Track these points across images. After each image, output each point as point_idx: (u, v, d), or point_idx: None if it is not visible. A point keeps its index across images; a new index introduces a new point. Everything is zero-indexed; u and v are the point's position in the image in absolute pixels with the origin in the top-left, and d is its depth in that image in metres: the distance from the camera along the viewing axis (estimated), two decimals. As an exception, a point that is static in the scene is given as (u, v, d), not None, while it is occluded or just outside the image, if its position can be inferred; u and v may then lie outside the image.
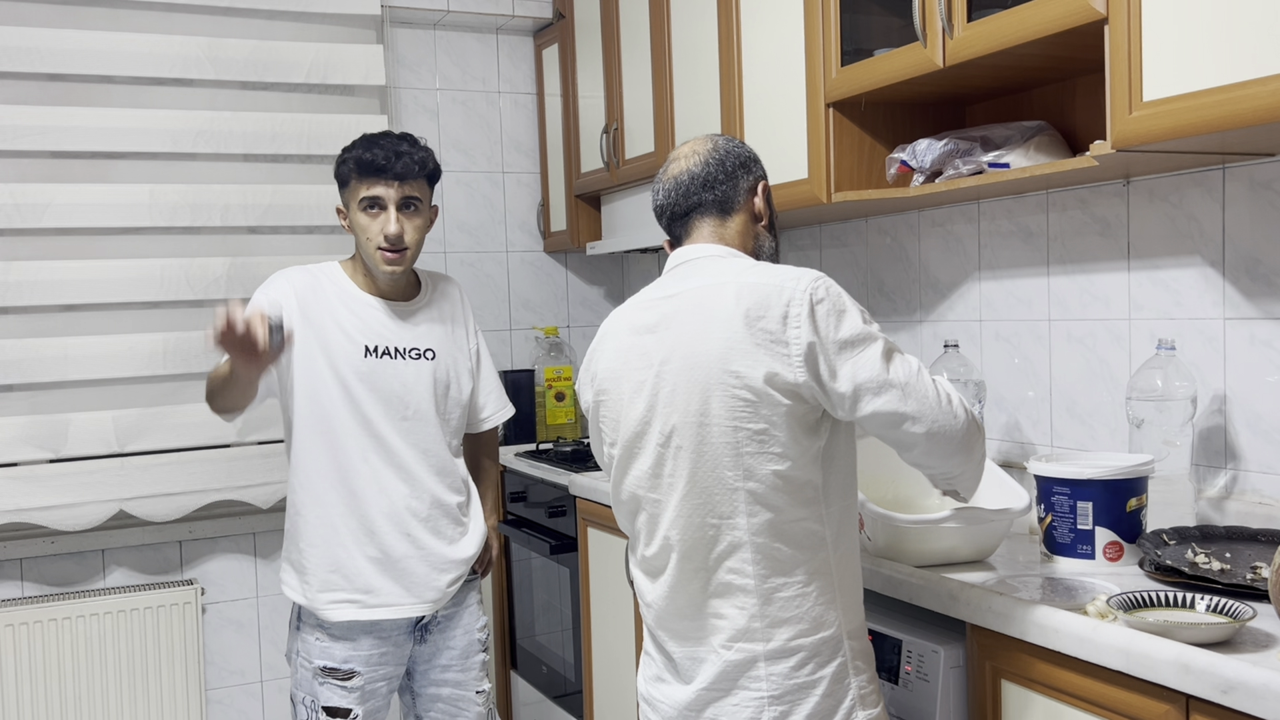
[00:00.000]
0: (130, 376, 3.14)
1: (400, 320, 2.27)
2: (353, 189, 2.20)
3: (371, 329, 2.23)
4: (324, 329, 2.21)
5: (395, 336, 2.25)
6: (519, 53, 3.79)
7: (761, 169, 1.71)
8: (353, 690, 2.22)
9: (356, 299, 2.25)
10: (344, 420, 2.21)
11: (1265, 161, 1.89)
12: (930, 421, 1.49)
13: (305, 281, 2.24)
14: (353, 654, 2.23)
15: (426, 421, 2.27)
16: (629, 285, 3.94)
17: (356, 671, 2.23)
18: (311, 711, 2.23)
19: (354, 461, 2.21)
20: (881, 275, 2.77)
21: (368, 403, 2.21)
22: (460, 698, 2.37)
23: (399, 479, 2.23)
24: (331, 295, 2.24)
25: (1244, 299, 1.94)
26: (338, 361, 2.20)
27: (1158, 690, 1.39)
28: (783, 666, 1.51)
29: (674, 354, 1.54)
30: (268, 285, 2.24)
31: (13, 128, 3.01)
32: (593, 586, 2.91)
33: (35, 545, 3.12)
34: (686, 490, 1.53)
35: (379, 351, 2.23)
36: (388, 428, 2.23)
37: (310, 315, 2.21)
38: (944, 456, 1.54)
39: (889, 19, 2.28)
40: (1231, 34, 1.52)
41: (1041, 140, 2.13)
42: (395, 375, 2.23)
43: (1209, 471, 2.00)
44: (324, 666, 2.22)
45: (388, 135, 2.21)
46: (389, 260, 2.19)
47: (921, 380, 1.50)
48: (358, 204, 2.19)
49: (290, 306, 2.19)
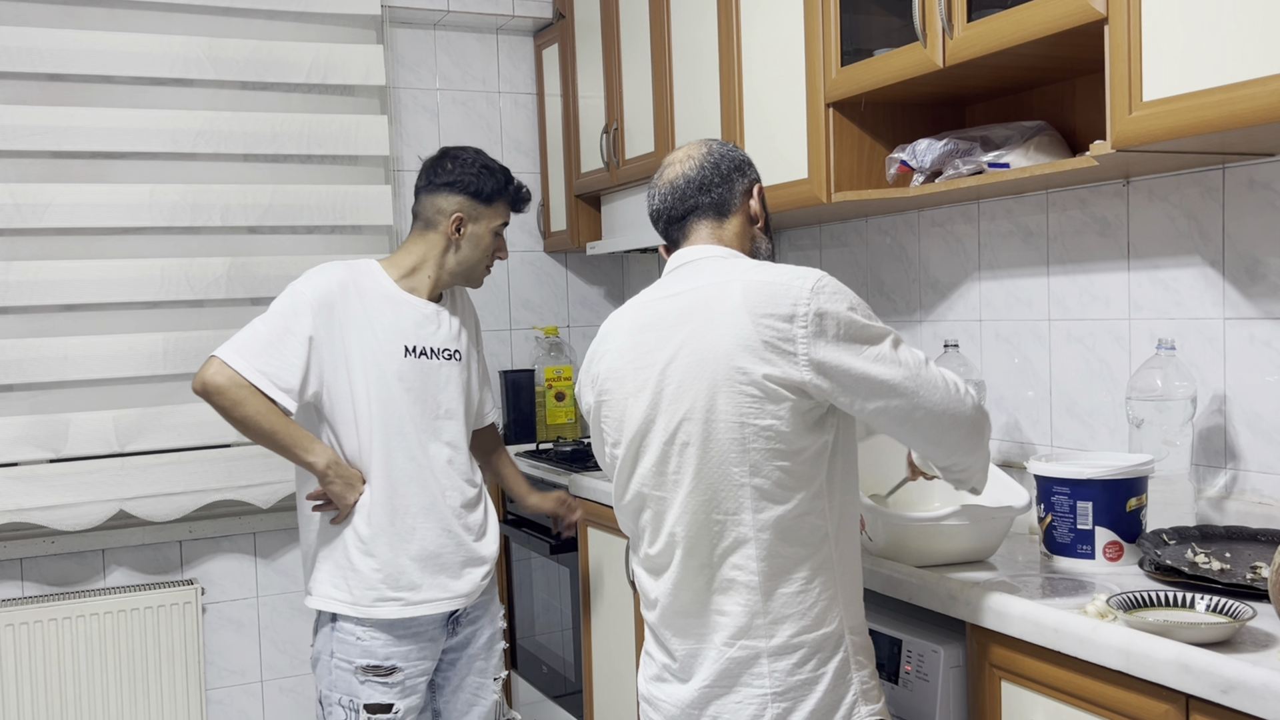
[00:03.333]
0: (130, 376, 3.14)
1: (434, 322, 2.31)
2: (498, 210, 2.33)
3: (410, 329, 2.27)
4: (366, 327, 2.23)
5: (430, 337, 2.30)
6: (519, 53, 3.79)
7: (755, 172, 1.72)
8: (394, 685, 2.24)
9: (396, 298, 2.28)
10: (388, 418, 2.23)
11: (1265, 161, 1.89)
12: (940, 412, 1.51)
13: (349, 278, 2.25)
14: (394, 650, 2.24)
15: (456, 420, 2.33)
16: (629, 285, 3.94)
17: (398, 667, 2.25)
18: (351, 711, 2.24)
19: (397, 459, 2.24)
20: (881, 275, 2.77)
21: (408, 401, 2.25)
22: (481, 685, 2.43)
23: (436, 476, 2.27)
24: (374, 293, 2.26)
25: (1244, 299, 1.94)
26: (380, 360, 2.23)
27: (1158, 690, 1.39)
28: (785, 663, 1.51)
29: (680, 352, 1.54)
30: (311, 284, 2.23)
31: (13, 128, 3.01)
32: (593, 586, 2.91)
33: (35, 545, 3.12)
34: (692, 486, 1.53)
35: (417, 351, 2.27)
36: (425, 426, 2.27)
37: (352, 313, 2.22)
38: (954, 447, 1.56)
39: (889, 19, 2.28)
40: (1231, 34, 1.52)
41: (1041, 140, 2.13)
42: (432, 374, 2.28)
43: (1209, 471, 2.00)
44: (366, 665, 2.23)
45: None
46: (487, 274, 2.40)
47: (928, 371, 1.51)
48: (496, 226, 2.34)
49: (335, 303, 2.21)
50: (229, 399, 2.12)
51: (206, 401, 2.15)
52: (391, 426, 2.23)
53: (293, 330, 2.17)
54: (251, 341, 2.15)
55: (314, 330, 2.18)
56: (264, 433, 2.15)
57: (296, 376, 2.16)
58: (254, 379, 2.12)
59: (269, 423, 2.14)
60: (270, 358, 2.14)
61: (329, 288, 2.22)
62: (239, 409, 2.12)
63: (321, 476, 2.19)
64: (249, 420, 2.13)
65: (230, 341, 2.16)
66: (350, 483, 2.21)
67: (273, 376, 2.14)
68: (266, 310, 2.21)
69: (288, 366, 2.15)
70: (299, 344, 2.17)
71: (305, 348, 2.17)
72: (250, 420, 2.13)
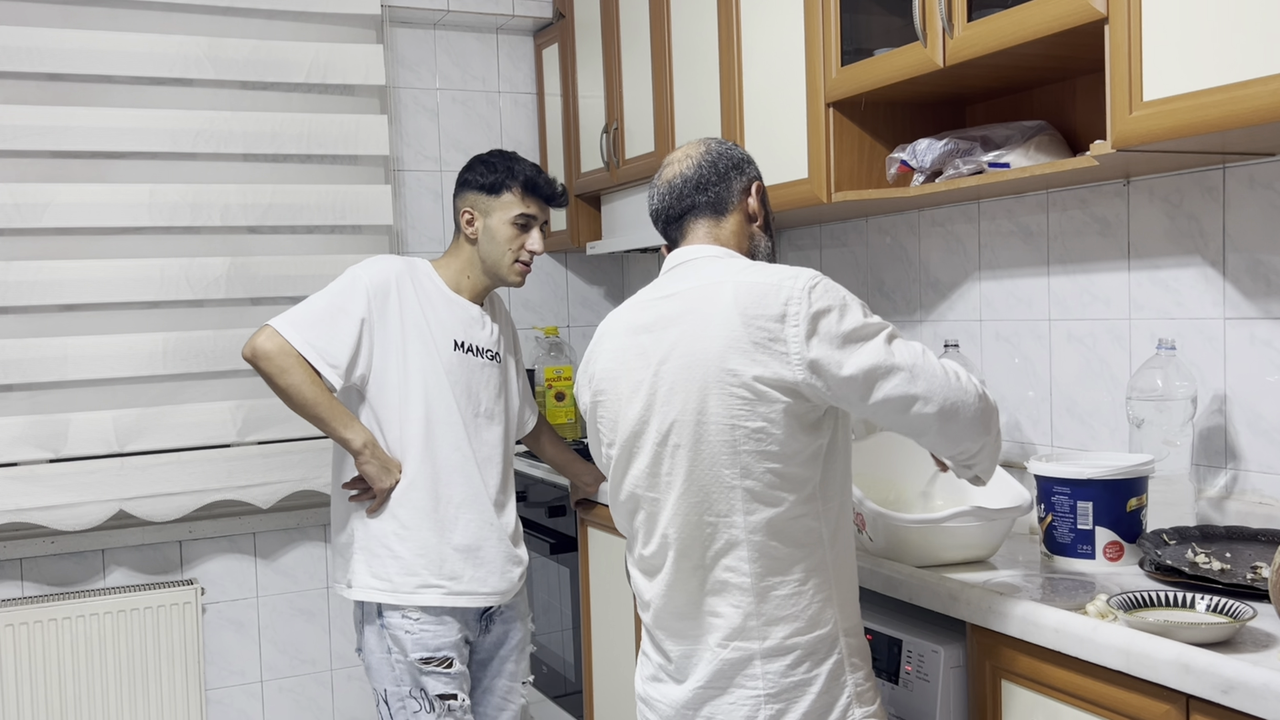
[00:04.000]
0: (130, 376, 3.14)
1: (479, 323, 2.35)
2: (507, 202, 2.30)
3: (459, 326, 2.31)
4: (419, 318, 2.26)
5: (476, 335, 2.34)
6: (519, 52, 3.79)
7: (755, 170, 1.72)
8: (455, 676, 2.26)
9: (447, 296, 2.33)
10: (436, 408, 2.26)
11: (1265, 161, 1.89)
12: (941, 400, 1.49)
13: (406, 270, 2.30)
14: (444, 641, 2.26)
15: (496, 421, 2.36)
16: (629, 285, 3.94)
17: (452, 658, 2.26)
18: (424, 702, 2.24)
19: (443, 449, 2.27)
20: (881, 275, 2.77)
21: (455, 393, 2.28)
22: (511, 689, 2.45)
23: (479, 469, 2.31)
24: (428, 287, 2.31)
25: (1244, 299, 1.94)
26: (432, 351, 2.26)
27: (1158, 690, 1.39)
28: (778, 665, 1.51)
29: (672, 353, 1.54)
30: (370, 269, 2.27)
31: (13, 128, 3.01)
32: (593, 586, 2.91)
33: (35, 545, 3.12)
34: (684, 488, 1.53)
35: (465, 347, 2.32)
36: (470, 420, 2.30)
37: (407, 302, 2.26)
38: (959, 436, 1.53)
39: (889, 19, 2.28)
40: (1232, 34, 1.52)
41: (1041, 140, 2.13)
42: (476, 371, 2.32)
43: (1209, 471, 2.00)
44: (422, 658, 2.24)
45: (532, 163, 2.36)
46: (522, 272, 2.35)
47: (928, 361, 1.50)
48: (511, 217, 2.30)
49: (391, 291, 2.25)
50: (276, 365, 2.15)
51: (254, 367, 2.18)
52: (438, 415, 2.26)
53: (346, 310, 2.21)
54: (306, 315, 2.19)
55: (367, 313, 2.22)
56: (306, 402, 2.17)
57: (345, 354, 2.19)
58: (303, 350, 2.16)
59: (312, 393, 2.16)
60: (321, 332, 2.18)
61: (387, 276, 2.26)
62: (284, 376, 2.15)
63: (357, 455, 2.21)
64: (292, 389, 2.15)
65: (285, 313, 2.20)
66: (386, 466, 2.23)
67: (322, 350, 2.18)
68: (323, 289, 2.25)
69: (338, 342, 2.19)
70: (351, 324, 2.21)
71: (357, 328, 2.21)
72: (294, 389, 2.15)
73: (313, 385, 2.16)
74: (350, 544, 2.29)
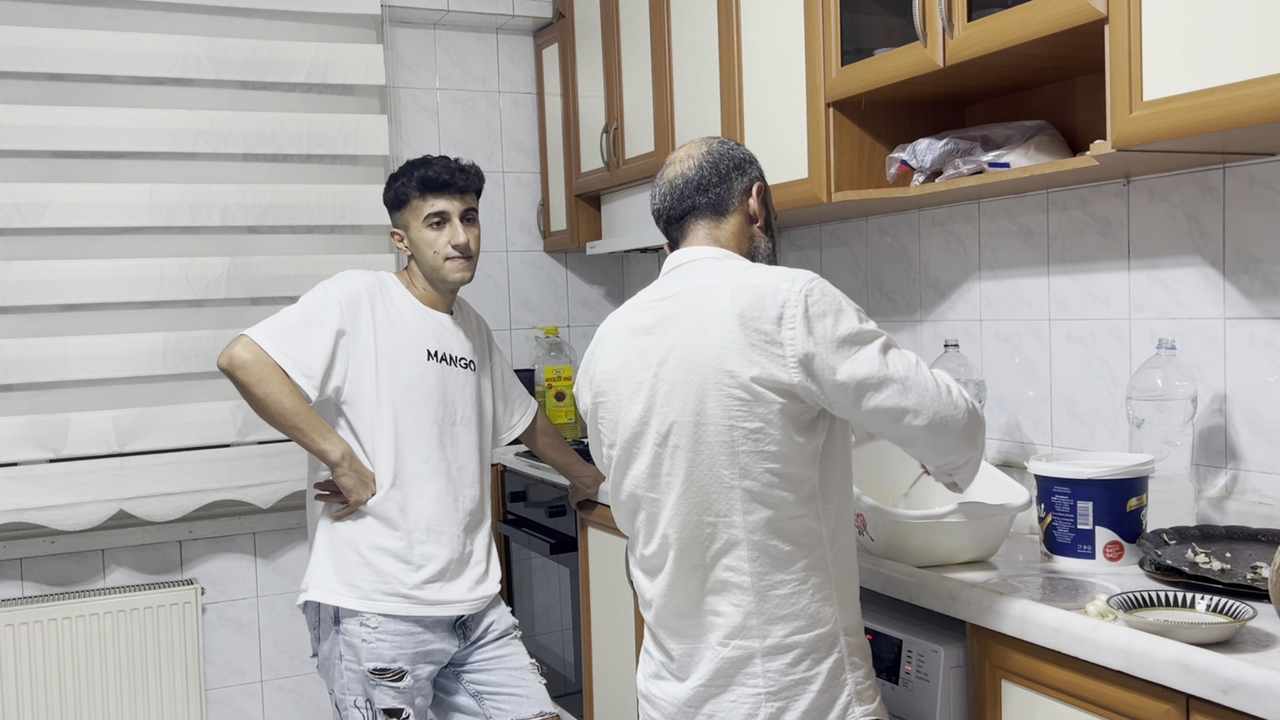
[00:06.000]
0: (130, 376, 3.14)
1: (449, 332, 2.36)
2: (414, 207, 2.29)
3: (431, 336, 2.32)
4: (389, 330, 2.27)
5: (449, 344, 2.34)
6: (519, 52, 3.79)
7: (757, 170, 1.71)
8: (403, 691, 2.25)
9: (417, 307, 2.33)
10: (408, 419, 2.26)
11: (1265, 161, 1.89)
12: (931, 414, 1.50)
13: (376, 284, 2.31)
14: (399, 653, 2.24)
15: (470, 429, 2.36)
16: (629, 285, 3.94)
17: (405, 671, 2.25)
18: (368, 714, 2.24)
19: (414, 460, 2.26)
20: (882, 275, 2.77)
21: (429, 404, 2.28)
22: (517, 668, 2.41)
23: (450, 481, 2.30)
24: (399, 300, 2.32)
25: (1244, 298, 1.94)
26: (405, 362, 2.26)
27: (1158, 690, 1.39)
28: (779, 663, 1.51)
29: (671, 354, 1.54)
30: (341, 283, 2.27)
31: (13, 128, 3.01)
32: (593, 586, 2.91)
33: (35, 545, 3.12)
34: (684, 489, 1.53)
35: (439, 356, 2.31)
36: (445, 430, 2.30)
37: (379, 315, 2.27)
38: (946, 448, 1.55)
39: (889, 19, 2.28)
40: (1232, 34, 1.52)
41: (1042, 140, 2.13)
42: (450, 380, 2.32)
43: (1209, 471, 2.00)
44: (374, 669, 2.23)
45: (438, 156, 2.33)
46: (460, 267, 2.31)
47: (920, 373, 1.50)
48: (422, 221, 2.29)
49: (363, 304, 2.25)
50: (252, 375, 2.15)
51: (229, 378, 2.17)
52: (409, 427, 2.26)
53: (321, 322, 2.21)
54: (281, 326, 2.19)
55: (341, 325, 2.22)
56: (284, 412, 2.16)
57: (320, 365, 2.20)
58: (280, 360, 2.16)
59: (290, 403, 2.16)
60: (296, 343, 2.18)
61: (358, 289, 2.27)
62: (260, 386, 2.15)
63: (334, 467, 2.21)
64: (270, 399, 2.15)
65: (259, 325, 2.20)
66: (364, 480, 2.23)
67: (297, 360, 2.18)
68: (296, 302, 2.26)
69: (313, 353, 2.19)
70: (326, 335, 2.21)
71: (332, 340, 2.21)
72: (271, 398, 2.15)
73: (290, 395, 2.16)
74: (319, 548, 2.29)
